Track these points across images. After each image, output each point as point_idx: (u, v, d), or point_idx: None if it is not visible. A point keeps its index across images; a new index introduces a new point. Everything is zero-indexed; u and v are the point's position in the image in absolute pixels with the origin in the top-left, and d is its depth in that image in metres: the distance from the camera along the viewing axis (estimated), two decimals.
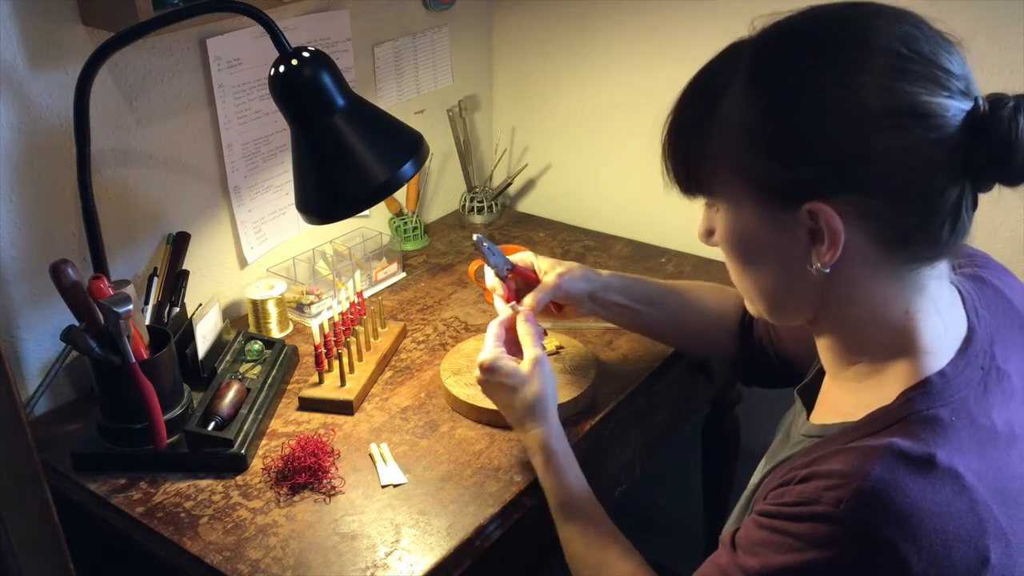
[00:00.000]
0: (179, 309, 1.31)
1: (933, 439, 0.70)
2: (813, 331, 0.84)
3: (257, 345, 1.32)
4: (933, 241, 0.72)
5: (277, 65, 1.04)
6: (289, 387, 1.30)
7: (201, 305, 1.32)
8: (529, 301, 1.15)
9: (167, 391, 1.14)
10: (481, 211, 1.83)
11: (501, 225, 1.84)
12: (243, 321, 1.47)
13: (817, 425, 0.82)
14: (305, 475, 1.09)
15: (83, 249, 1.22)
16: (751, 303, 0.86)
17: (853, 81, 0.69)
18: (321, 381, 1.26)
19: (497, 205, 1.85)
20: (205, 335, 1.28)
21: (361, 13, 1.57)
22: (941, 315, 0.77)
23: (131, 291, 1.12)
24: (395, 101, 1.70)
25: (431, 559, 0.99)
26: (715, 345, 1.23)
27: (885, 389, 0.76)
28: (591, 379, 1.24)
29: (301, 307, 1.48)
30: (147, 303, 1.29)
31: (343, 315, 1.32)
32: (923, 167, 0.69)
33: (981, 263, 0.89)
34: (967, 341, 0.77)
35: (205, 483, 1.11)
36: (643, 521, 1.93)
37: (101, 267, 1.18)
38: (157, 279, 1.31)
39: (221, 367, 1.26)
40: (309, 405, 1.25)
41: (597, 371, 1.27)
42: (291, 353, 1.34)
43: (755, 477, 0.91)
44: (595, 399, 1.25)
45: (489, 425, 1.19)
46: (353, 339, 1.31)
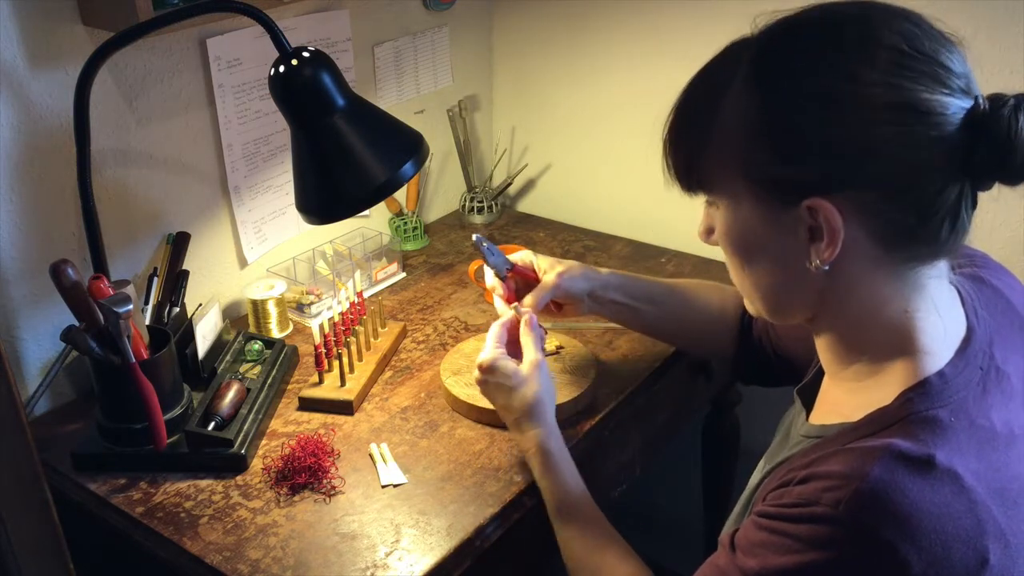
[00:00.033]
0: (179, 309, 1.31)
1: (932, 440, 0.70)
2: (812, 330, 0.84)
3: (257, 345, 1.32)
4: (932, 240, 0.72)
5: (277, 65, 1.04)
6: (289, 387, 1.30)
7: (201, 305, 1.32)
8: (529, 301, 1.15)
9: (167, 391, 1.15)
10: (481, 211, 1.83)
11: (501, 225, 1.84)
12: (243, 321, 1.47)
13: (816, 426, 0.82)
14: (305, 475, 1.09)
15: (83, 249, 1.22)
16: (750, 302, 0.86)
17: (854, 77, 0.69)
18: (321, 381, 1.26)
19: (497, 205, 1.85)
20: (205, 335, 1.28)
21: (361, 13, 1.57)
22: (940, 315, 0.77)
23: (131, 291, 1.12)
24: (395, 101, 1.70)
25: (431, 559, 0.99)
26: (714, 343, 1.23)
27: (884, 389, 0.76)
28: (591, 379, 1.24)
29: (301, 307, 1.48)
30: (147, 303, 1.29)
31: (343, 315, 1.32)
32: (923, 164, 0.69)
33: (980, 263, 0.89)
34: (966, 341, 0.77)
35: (205, 483, 1.11)
36: (643, 521, 1.93)
37: (101, 267, 1.18)
38: (157, 279, 1.31)
39: (221, 367, 1.26)
40: (309, 405, 1.25)
41: (597, 371, 1.27)
42: (291, 353, 1.34)
43: (754, 478, 0.91)
44: (595, 399, 1.25)
45: (489, 425, 1.19)
46: (353, 339, 1.31)
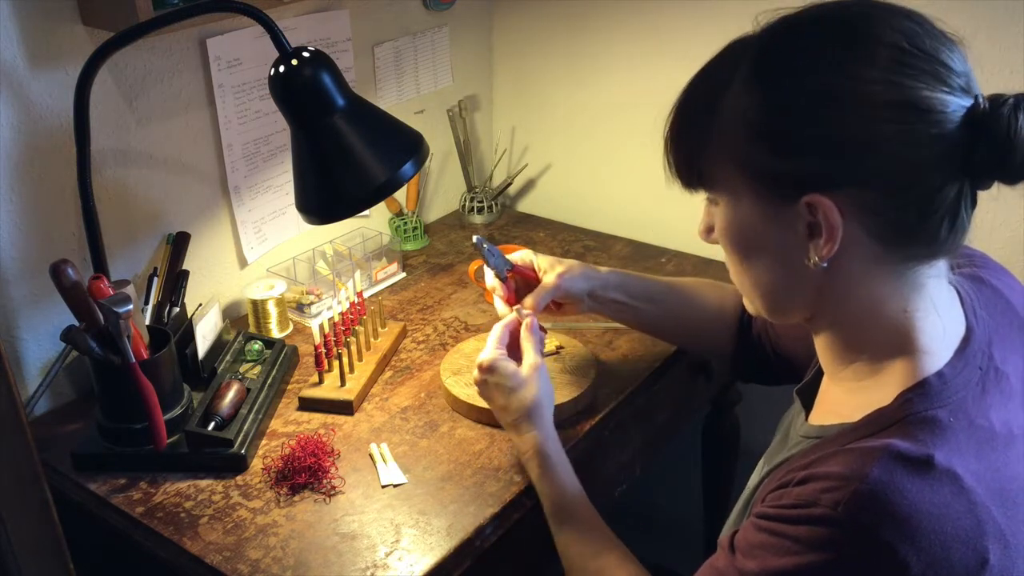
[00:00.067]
0: (179, 309, 1.31)
1: (931, 440, 0.70)
2: (811, 329, 0.84)
3: (257, 345, 1.32)
4: (932, 239, 0.73)
5: (277, 65, 1.04)
6: (289, 387, 1.30)
7: (201, 305, 1.32)
8: (529, 302, 1.15)
9: (167, 391, 1.15)
10: (481, 211, 1.83)
11: (501, 225, 1.84)
12: (243, 321, 1.47)
13: (816, 426, 0.82)
14: (305, 475, 1.09)
15: (83, 249, 1.22)
16: (749, 301, 0.86)
17: (855, 75, 0.69)
18: (321, 381, 1.26)
19: (497, 205, 1.85)
20: (205, 335, 1.28)
21: (361, 13, 1.57)
22: (939, 314, 0.77)
23: (131, 291, 1.12)
24: (395, 101, 1.70)
25: (431, 559, 0.99)
26: (714, 342, 1.23)
27: (883, 390, 0.76)
28: (591, 379, 1.24)
29: (301, 307, 1.48)
30: (147, 303, 1.29)
31: (343, 315, 1.32)
32: (923, 162, 0.69)
33: (980, 263, 0.89)
34: (965, 341, 0.77)
35: (205, 483, 1.11)
36: (643, 521, 1.93)
37: (101, 267, 1.18)
38: (157, 279, 1.31)
39: (221, 367, 1.26)
40: (309, 405, 1.25)
41: (597, 371, 1.27)
42: (291, 353, 1.34)
43: (753, 479, 0.91)
44: (595, 399, 1.25)
45: (489, 425, 1.19)
46: (353, 339, 1.31)
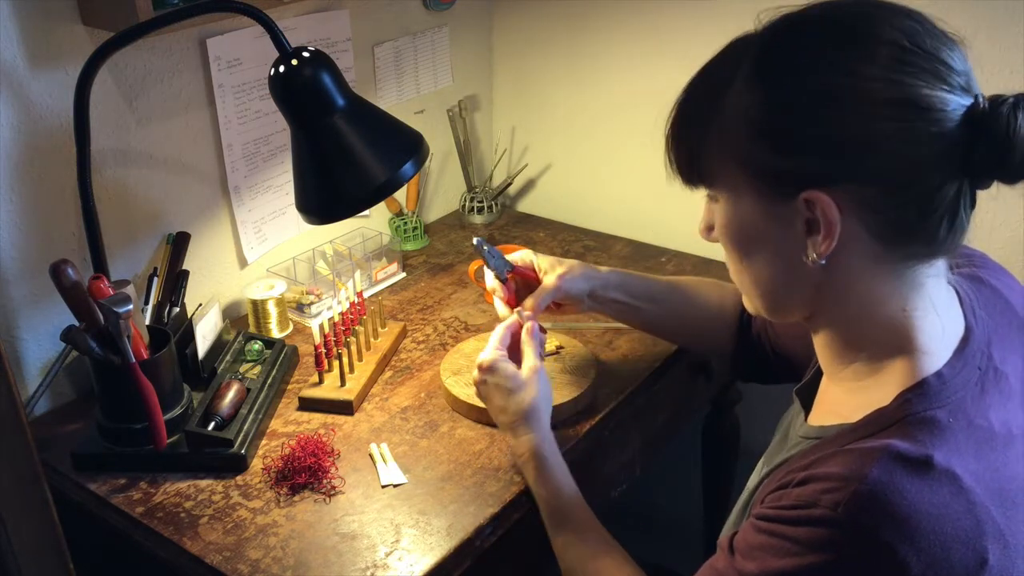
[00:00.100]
0: (179, 309, 1.31)
1: (930, 440, 0.70)
2: (810, 328, 0.84)
3: (257, 345, 1.32)
4: (931, 238, 0.73)
5: (277, 65, 1.04)
6: (289, 387, 1.30)
7: (201, 305, 1.32)
8: (530, 304, 1.15)
9: (167, 391, 1.15)
10: (481, 211, 1.83)
11: (501, 225, 1.84)
12: (243, 321, 1.47)
13: (815, 427, 0.82)
14: (305, 475, 1.09)
15: (83, 249, 1.22)
16: (749, 299, 0.86)
17: (856, 73, 0.69)
18: (321, 381, 1.26)
19: (497, 205, 1.85)
20: (205, 335, 1.28)
21: (361, 13, 1.57)
22: (939, 314, 0.77)
23: (131, 291, 1.12)
24: (395, 101, 1.70)
25: (431, 559, 0.99)
26: (714, 340, 1.23)
27: (882, 390, 0.76)
28: (591, 379, 1.24)
29: (301, 307, 1.48)
30: (147, 303, 1.29)
31: (343, 315, 1.32)
32: (922, 160, 0.69)
33: (979, 263, 0.89)
34: (964, 341, 0.77)
35: (205, 483, 1.11)
36: (643, 521, 1.93)
37: (101, 267, 1.18)
38: (157, 279, 1.31)
39: (221, 367, 1.26)
40: (309, 405, 1.25)
41: (597, 371, 1.27)
42: (291, 353, 1.34)
43: (752, 479, 0.91)
44: (595, 399, 1.25)
45: (489, 425, 1.19)
46: (353, 339, 1.31)
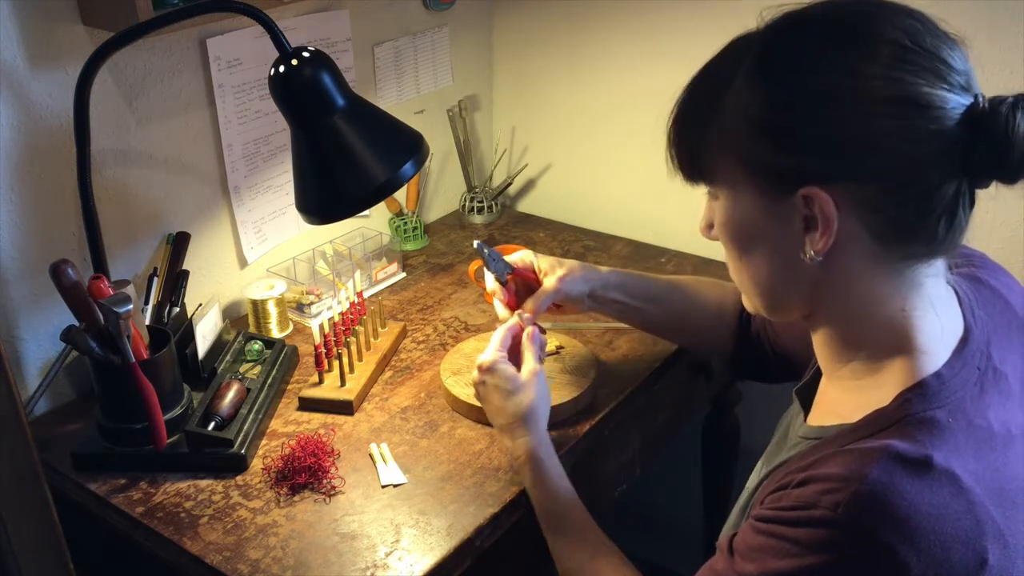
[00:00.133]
0: (179, 309, 1.31)
1: (930, 441, 0.70)
2: (809, 327, 0.84)
3: (257, 345, 1.32)
4: (930, 237, 0.73)
5: (277, 65, 1.04)
6: (289, 387, 1.30)
7: (201, 305, 1.32)
8: (530, 306, 1.15)
9: (167, 391, 1.15)
10: (481, 211, 1.83)
11: (501, 225, 1.84)
12: (243, 321, 1.47)
13: (815, 427, 0.82)
14: (305, 475, 1.10)
15: (83, 249, 1.22)
16: (748, 298, 0.86)
17: (857, 71, 0.70)
18: (321, 381, 1.26)
19: (497, 205, 1.85)
20: (205, 335, 1.28)
21: (361, 13, 1.57)
22: (937, 314, 0.77)
23: (131, 291, 1.12)
24: (395, 101, 1.70)
25: (431, 559, 0.99)
26: (714, 339, 1.23)
27: (882, 390, 0.76)
28: (591, 379, 1.24)
29: (301, 307, 1.48)
30: (147, 303, 1.29)
31: (343, 315, 1.32)
32: (922, 158, 0.70)
33: (979, 263, 0.89)
34: (963, 341, 0.78)
35: (205, 483, 1.11)
36: (643, 521, 1.94)
37: (101, 267, 1.18)
38: (157, 279, 1.31)
39: (221, 367, 1.26)
40: (309, 405, 1.25)
41: (597, 371, 1.27)
42: (291, 353, 1.34)
43: (752, 480, 0.91)
44: (595, 399, 1.25)
45: (489, 425, 1.19)
46: (353, 339, 1.31)
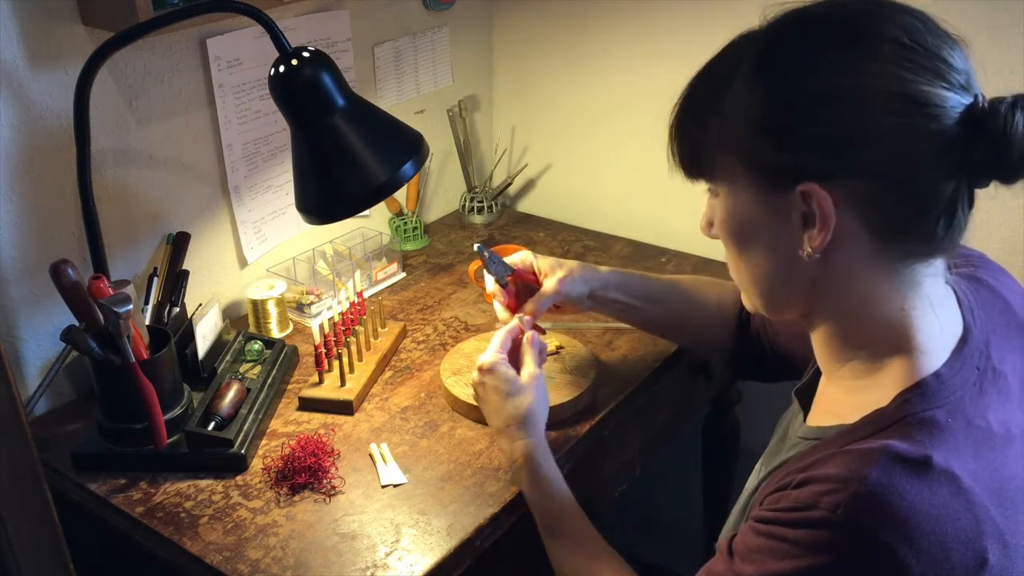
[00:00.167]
0: (179, 309, 1.31)
1: (929, 441, 0.70)
2: (808, 326, 0.84)
3: (257, 345, 1.32)
4: (928, 236, 0.73)
5: (277, 65, 1.04)
6: (289, 387, 1.30)
7: (201, 305, 1.32)
8: (530, 308, 1.15)
9: (167, 391, 1.15)
10: (481, 211, 1.83)
11: (501, 225, 1.84)
12: (243, 321, 1.47)
13: (814, 427, 0.82)
14: (305, 475, 1.10)
15: (83, 249, 1.22)
16: (747, 296, 0.86)
17: (858, 70, 0.70)
18: (321, 381, 1.26)
19: (497, 205, 1.85)
20: (205, 335, 1.28)
21: (361, 13, 1.57)
22: (936, 313, 0.77)
23: (131, 291, 1.12)
24: (395, 101, 1.70)
25: (431, 559, 0.99)
26: (714, 339, 1.23)
27: (881, 390, 0.76)
28: (591, 379, 1.24)
29: (301, 307, 1.48)
30: (147, 303, 1.29)
31: (343, 315, 1.32)
32: (921, 156, 0.70)
33: (978, 263, 0.89)
34: (963, 341, 0.78)
35: (205, 483, 1.11)
36: (643, 521, 1.94)
37: (101, 267, 1.18)
38: (157, 279, 1.31)
39: (221, 367, 1.26)
40: (309, 405, 1.25)
41: (597, 371, 1.27)
42: (291, 353, 1.34)
43: (751, 480, 0.91)
44: (595, 399, 1.25)
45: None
46: (353, 339, 1.31)
